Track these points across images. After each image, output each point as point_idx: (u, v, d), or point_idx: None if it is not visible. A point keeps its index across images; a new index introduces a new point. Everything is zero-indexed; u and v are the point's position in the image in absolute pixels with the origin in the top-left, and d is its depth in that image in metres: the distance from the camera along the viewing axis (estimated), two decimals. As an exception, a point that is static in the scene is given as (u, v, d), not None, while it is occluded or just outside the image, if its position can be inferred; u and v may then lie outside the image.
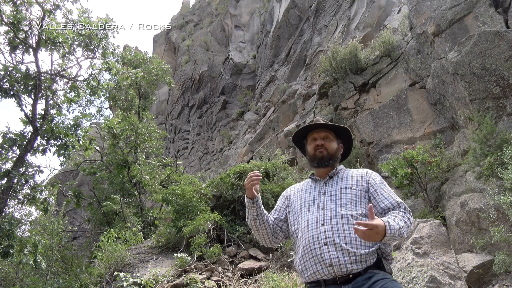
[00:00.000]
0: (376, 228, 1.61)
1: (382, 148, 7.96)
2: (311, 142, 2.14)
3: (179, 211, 6.29)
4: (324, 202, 1.96)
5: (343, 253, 1.76)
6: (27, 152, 7.23)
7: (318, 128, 2.15)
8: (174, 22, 33.13)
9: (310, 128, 2.17)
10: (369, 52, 9.50)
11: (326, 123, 2.16)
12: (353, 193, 1.95)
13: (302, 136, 2.24)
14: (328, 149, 2.09)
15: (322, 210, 1.92)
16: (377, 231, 1.62)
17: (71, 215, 18.01)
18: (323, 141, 2.10)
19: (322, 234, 1.82)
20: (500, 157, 4.55)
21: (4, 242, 6.09)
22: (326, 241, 1.80)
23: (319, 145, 2.09)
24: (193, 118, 24.31)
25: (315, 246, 1.81)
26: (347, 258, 1.75)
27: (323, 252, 1.78)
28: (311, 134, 2.16)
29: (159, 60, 12.57)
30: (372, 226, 1.60)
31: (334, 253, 1.76)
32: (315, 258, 1.80)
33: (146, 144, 10.71)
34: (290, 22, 19.40)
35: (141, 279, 4.68)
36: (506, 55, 5.20)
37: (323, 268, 1.77)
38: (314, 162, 2.11)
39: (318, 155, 2.08)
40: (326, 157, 2.07)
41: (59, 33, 7.61)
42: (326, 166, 2.08)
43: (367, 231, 1.60)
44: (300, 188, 2.17)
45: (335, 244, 1.78)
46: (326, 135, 2.13)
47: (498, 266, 3.92)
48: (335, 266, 1.75)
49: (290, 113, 13.71)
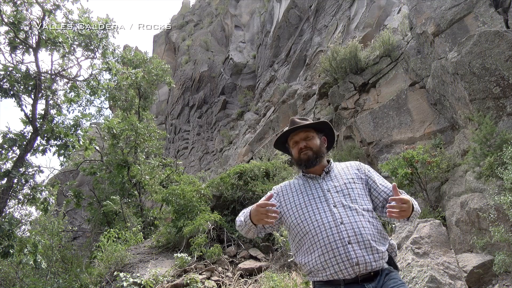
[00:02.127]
0: (407, 202, 1.73)
1: (382, 148, 7.95)
2: (294, 145, 2.10)
3: (179, 211, 6.29)
4: (333, 199, 1.91)
5: (367, 251, 1.75)
6: (27, 152, 7.23)
7: (296, 130, 2.10)
8: (174, 22, 33.14)
9: (288, 133, 2.13)
10: (369, 52, 9.50)
11: (302, 123, 2.11)
12: (358, 187, 1.96)
13: (284, 141, 2.20)
14: (312, 148, 2.05)
15: (334, 207, 1.87)
16: (408, 204, 1.73)
17: (71, 215, 18.01)
18: (305, 142, 2.06)
19: (344, 232, 1.78)
20: (500, 157, 4.55)
21: (4, 242, 6.08)
22: (350, 240, 1.76)
23: (302, 148, 2.05)
24: (193, 118, 24.31)
25: (338, 245, 1.76)
26: (371, 256, 1.75)
27: (348, 251, 1.74)
28: (291, 138, 2.12)
29: (159, 60, 12.58)
30: (404, 200, 1.72)
31: (359, 252, 1.74)
32: (337, 258, 1.75)
33: (146, 144, 10.71)
34: (290, 22, 19.40)
35: (141, 279, 4.68)
36: (506, 55, 5.20)
37: (348, 267, 1.73)
38: (302, 166, 2.07)
39: (303, 157, 2.04)
40: (312, 156, 2.04)
41: (59, 33, 7.61)
42: (315, 165, 2.05)
43: (400, 206, 1.71)
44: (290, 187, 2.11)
45: (358, 242, 1.75)
46: (306, 135, 2.09)
47: (498, 266, 3.92)
48: (361, 265, 1.73)
49: (290, 113, 13.71)
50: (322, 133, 2.16)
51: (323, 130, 2.17)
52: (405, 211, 1.72)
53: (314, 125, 2.13)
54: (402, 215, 1.74)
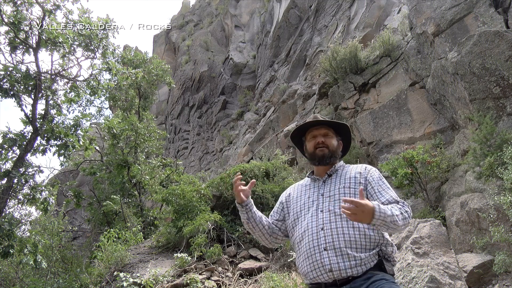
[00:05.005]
0: (362, 207, 1.57)
1: (382, 148, 7.95)
2: (311, 139, 2.08)
3: (179, 211, 6.29)
4: (323, 204, 1.91)
5: (343, 258, 1.73)
6: (27, 152, 7.22)
7: (318, 125, 2.09)
8: (174, 22, 33.13)
9: (309, 125, 2.11)
10: (369, 52, 9.50)
11: (326, 119, 2.11)
12: (351, 193, 1.91)
13: (301, 133, 2.19)
14: (329, 146, 2.03)
15: (321, 212, 1.88)
16: (363, 209, 1.57)
17: (71, 215, 18.00)
18: (324, 138, 2.04)
19: (322, 239, 1.79)
20: (500, 157, 4.55)
21: (4, 242, 6.08)
22: (326, 246, 1.77)
23: (319, 143, 2.03)
24: (193, 118, 24.31)
25: (315, 251, 1.79)
26: (347, 263, 1.73)
27: (323, 258, 1.76)
28: (310, 131, 2.10)
29: (159, 60, 12.56)
30: (358, 204, 1.57)
31: (334, 259, 1.74)
32: (314, 264, 1.78)
33: (146, 144, 10.70)
34: (290, 22, 19.40)
35: (141, 279, 4.68)
36: (506, 55, 5.20)
37: (323, 273, 1.76)
38: (314, 161, 2.05)
39: (319, 153, 2.02)
40: (327, 154, 2.02)
41: (60, 33, 7.60)
42: (327, 164, 2.04)
43: (353, 209, 1.57)
44: (299, 188, 2.13)
45: (335, 249, 1.75)
46: (326, 132, 2.07)
47: (498, 266, 3.92)
48: (335, 272, 1.73)
49: (290, 113, 13.71)
50: (340, 136, 2.14)
51: (341, 133, 2.15)
52: (357, 215, 1.59)
53: (337, 124, 2.13)
54: (355, 219, 1.61)
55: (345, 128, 2.15)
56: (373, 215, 1.60)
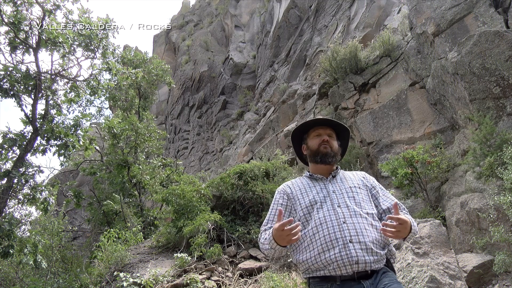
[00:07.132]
0: (405, 223, 1.70)
1: (382, 148, 7.95)
2: (315, 137, 2.10)
3: (179, 211, 6.28)
4: (337, 199, 1.92)
5: (367, 252, 1.76)
6: (27, 152, 7.22)
7: (325, 124, 2.13)
8: (174, 22, 33.13)
9: (316, 123, 2.14)
10: (369, 52, 9.50)
11: (334, 120, 2.16)
12: (362, 193, 1.98)
13: (303, 131, 2.20)
14: (332, 147, 2.07)
15: (338, 207, 1.88)
16: (405, 226, 1.70)
17: (71, 215, 18.01)
18: (328, 137, 2.09)
19: (346, 231, 1.80)
20: (500, 157, 4.55)
21: (4, 242, 6.08)
22: (351, 239, 1.78)
23: (325, 140, 2.06)
24: (193, 118, 24.31)
25: (339, 242, 1.78)
26: (371, 257, 1.76)
27: (349, 249, 1.75)
28: (315, 129, 2.13)
29: (159, 60, 12.57)
30: (402, 221, 1.69)
31: (360, 252, 1.75)
32: (337, 255, 1.76)
33: (146, 144, 10.70)
34: (290, 22, 19.40)
35: (141, 279, 4.68)
36: (506, 55, 5.20)
37: (346, 265, 1.75)
38: (317, 157, 2.06)
39: (323, 150, 2.05)
40: (330, 153, 2.05)
41: (59, 33, 7.60)
42: (329, 163, 2.05)
43: (398, 226, 1.69)
44: (299, 185, 2.07)
45: (360, 242, 1.77)
46: (331, 133, 2.11)
47: (498, 266, 3.92)
48: (360, 264, 1.74)
49: (290, 113, 13.71)
50: (339, 141, 2.18)
51: (341, 139, 2.20)
52: (401, 232, 1.70)
53: (342, 127, 2.18)
54: (397, 236, 1.73)
55: (346, 133, 2.20)
56: (410, 230, 1.75)
